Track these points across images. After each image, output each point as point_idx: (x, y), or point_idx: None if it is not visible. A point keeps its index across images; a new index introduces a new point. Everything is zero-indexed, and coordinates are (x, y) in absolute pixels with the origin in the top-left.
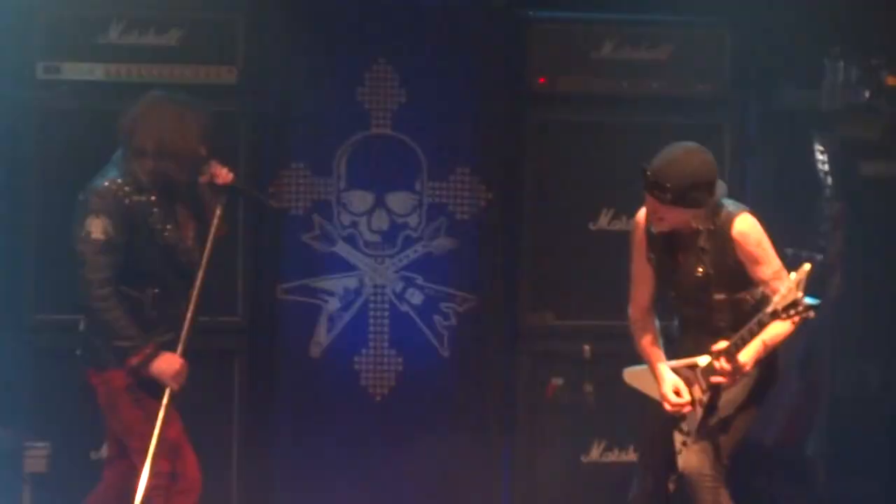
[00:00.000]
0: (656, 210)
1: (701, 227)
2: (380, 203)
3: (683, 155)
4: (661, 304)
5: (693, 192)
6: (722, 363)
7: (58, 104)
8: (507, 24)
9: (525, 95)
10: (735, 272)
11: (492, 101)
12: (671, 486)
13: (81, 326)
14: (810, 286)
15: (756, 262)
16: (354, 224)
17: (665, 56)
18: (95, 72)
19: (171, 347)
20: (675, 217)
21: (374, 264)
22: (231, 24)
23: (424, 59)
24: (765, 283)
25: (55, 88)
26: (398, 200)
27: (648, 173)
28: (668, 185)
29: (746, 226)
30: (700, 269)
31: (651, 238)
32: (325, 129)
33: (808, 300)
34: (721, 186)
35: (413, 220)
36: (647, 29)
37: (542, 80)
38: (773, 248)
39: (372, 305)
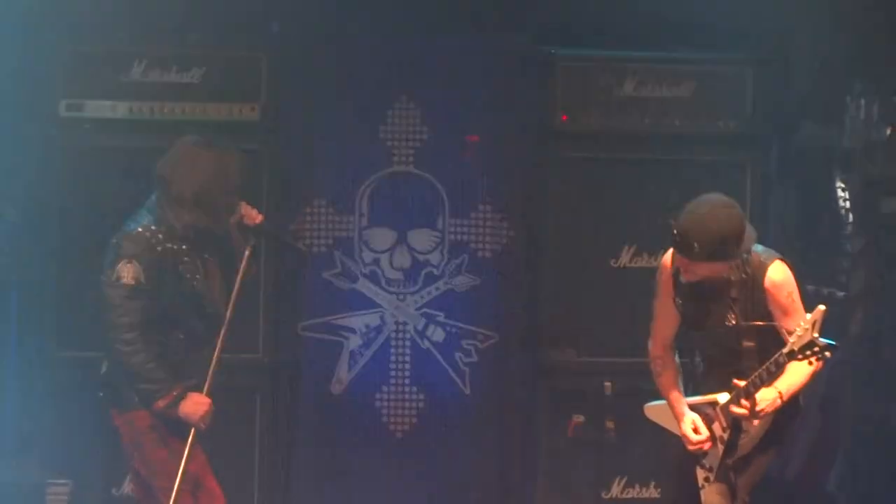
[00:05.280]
0: (686, 266)
1: (732, 278)
2: (401, 240)
3: (709, 211)
4: (682, 342)
5: (722, 247)
6: (741, 402)
7: (80, 142)
8: (530, 61)
9: (547, 132)
10: (766, 320)
11: (514, 138)
12: None
13: (104, 368)
14: (832, 323)
15: (785, 313)
16: (376, 261)
17: (687, 93)
18: (118, 109)
19: (196, 389)
20: (706, 270)
21: (396, 301)
22: (254, 62)
23: (447, 96)
24: (791, 333)
25: (78, 126)
26: (420, 238)
27: (675, 232)
28: (696, 244)
29: (779, 276)
30: (732, 320)
31: (678, 284)
32: (348, 166)
33: (824, 341)
34: (750, 233)
35: (435, 258)
36: (669, 66)
37: (564, 118)
38: (800, 299)
39: (393, 342)
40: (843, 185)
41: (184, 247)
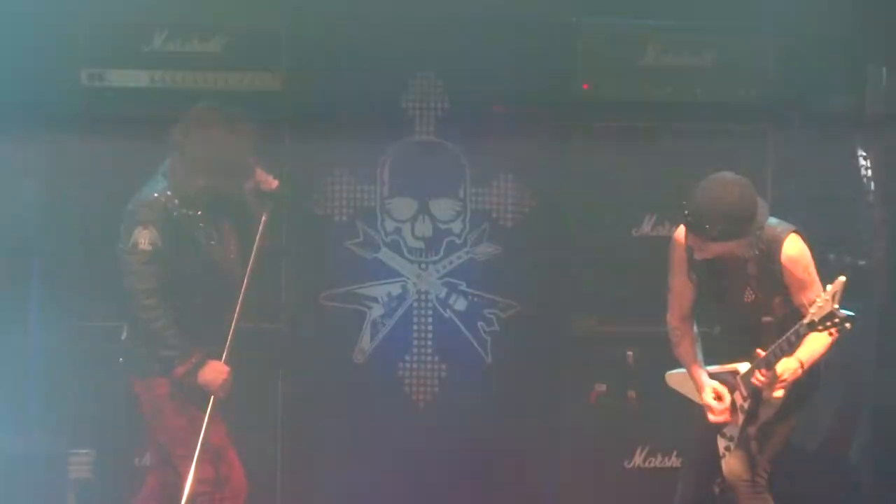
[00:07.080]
0: (699, 245)
1: (747, 255)
2: (423, 209)
3: (720, 190)
4: (701, 312)
5: (734, 226)
6: (762, 372)
7: (102, 111)
8: (552, 30)
9: (569, 101)
10: (784, 294)
11: (536, 106)
12: (716, 490)
13: (124, 335)
14: (853, 291)
15: (802, 287)
16: (398, 230)
17: (709, 62)
18: (140, 78)
19: (215, 357)
20: (719, 248)
21: (418, 270)
22: (275, 31)
23: (468, 65)
24: (808, 305)
25: (99, 95)
26: (442, 207)
27: (687, 213)
28: (708, 224)
29: (795, 251)
30: (749, 296)
31: (692, 259)
32: (369, 135)
33: (844, 312)
34: (763, 208)
35: (456, 227)
36: (691, 36)
37: (585, 86)
38: (815, 271)
39: (416, 312)
40: (863, 154)
41: (199, 212)
